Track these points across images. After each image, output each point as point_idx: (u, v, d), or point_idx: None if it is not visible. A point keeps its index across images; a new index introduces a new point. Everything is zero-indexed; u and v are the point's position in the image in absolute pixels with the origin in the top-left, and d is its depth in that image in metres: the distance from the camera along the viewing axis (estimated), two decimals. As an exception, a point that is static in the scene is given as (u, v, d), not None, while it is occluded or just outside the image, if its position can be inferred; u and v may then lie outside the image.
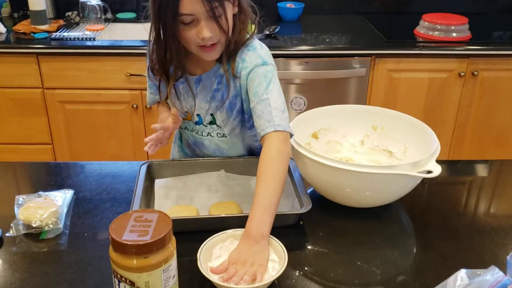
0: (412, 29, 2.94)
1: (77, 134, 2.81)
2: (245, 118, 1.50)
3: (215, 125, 1.51)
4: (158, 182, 1.46)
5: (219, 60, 1.42)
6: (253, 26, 1.46)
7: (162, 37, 1.35)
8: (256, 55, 1.40)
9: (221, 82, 1.44)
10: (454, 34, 2.82)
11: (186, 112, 1.52)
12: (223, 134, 1.53)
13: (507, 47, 2.75)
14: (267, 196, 1.21)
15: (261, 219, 1.17)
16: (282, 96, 1.38)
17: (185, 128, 1.58)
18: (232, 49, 1.39)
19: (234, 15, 1.36)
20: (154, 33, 1.36)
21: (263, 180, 1.23)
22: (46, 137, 2.82)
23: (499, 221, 1.38)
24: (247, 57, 1.40)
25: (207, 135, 1.54)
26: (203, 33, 1.28)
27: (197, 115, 1.50)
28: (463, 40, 2.81)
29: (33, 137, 2.81)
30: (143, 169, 1.44)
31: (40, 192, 1.40)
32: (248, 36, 1.42)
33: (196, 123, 1.53)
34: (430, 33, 2.84)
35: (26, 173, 1.64)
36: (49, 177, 1.58)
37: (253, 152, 1.61)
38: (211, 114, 1.49)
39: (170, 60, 1.40)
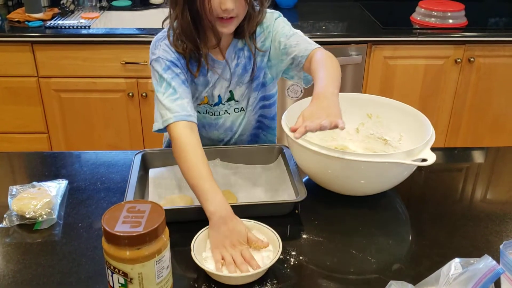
0: (408, 15, 2.93)
1: (73, 123, 2.80)
2: (265, 89, 1.57)
3: (232, 101, 1.54)
4: (152, 172, 1.45)
5: (235, 36, 1.47)
6: None
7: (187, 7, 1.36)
8: (271, 12, 1.50)
9: (240, 56, 1.48)
10: (451, 21, 2.81)
11: (204, 96, 1.52)
12: (241, 108, 1.56)
13: (503, 33, 2.74)
14: (331, 73, 1.30)
15: (329, 82, 1.26)
16: None
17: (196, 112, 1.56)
18: (251, 26, 1.45)
19: None
20: (178, 7, 1.36)
21: (325, 65, 1.33)
22: (41, 126, 2.80)
23: (494, 208, 1.38)
24: (264, 20, 1.48)
25: (224, 113, 1.55)
26: (227, 4, 1.31)
27: (218, 95, 1.52)
28: (459, 26, 2.79)
29: (28, 126, 2.80)
30: (138, 158, 1.44)
31: (34, 183, 1.39)
32: None
33: (215, 104, 1.54)
34: (427, 20, 2.82)
35: (20, 163, 1.63)
36: (43, 167, 1.58)
37: (260, 130, 1.64)
38: (230, 91, 1.52)
39: (200, 28, 1.40)
